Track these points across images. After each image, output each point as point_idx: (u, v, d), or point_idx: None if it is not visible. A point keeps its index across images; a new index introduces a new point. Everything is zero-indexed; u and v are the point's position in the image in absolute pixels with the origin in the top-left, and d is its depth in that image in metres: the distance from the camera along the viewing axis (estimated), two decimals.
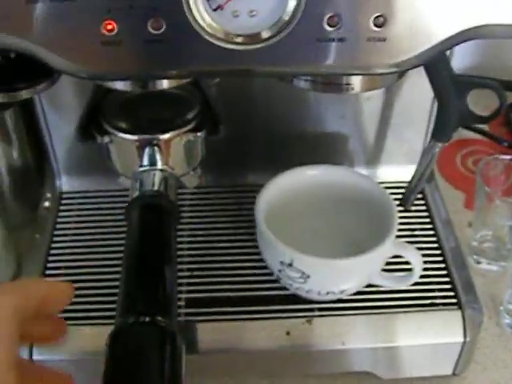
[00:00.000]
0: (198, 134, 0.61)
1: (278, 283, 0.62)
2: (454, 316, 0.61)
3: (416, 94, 0.69)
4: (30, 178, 0.75)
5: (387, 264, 0.61)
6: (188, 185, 0.64)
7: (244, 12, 0.44)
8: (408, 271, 0.60)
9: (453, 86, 0.55)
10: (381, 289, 0.62)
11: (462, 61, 0.63)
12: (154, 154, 0.59)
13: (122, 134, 0.60)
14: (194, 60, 0.46)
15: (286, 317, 0.61)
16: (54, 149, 0.72)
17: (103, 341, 0.58)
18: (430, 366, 0.63)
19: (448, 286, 0.64)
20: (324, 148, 0.73)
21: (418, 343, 0.61)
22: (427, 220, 0.71)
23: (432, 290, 0.63)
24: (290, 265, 0.57)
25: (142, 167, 0.60)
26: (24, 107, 0.69)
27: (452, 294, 0.63)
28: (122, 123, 0.60)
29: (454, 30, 0.46)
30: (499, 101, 0.54)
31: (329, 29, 0.44)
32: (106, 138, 0.60)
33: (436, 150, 0.60)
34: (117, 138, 0.60)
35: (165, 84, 0.53)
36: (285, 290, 0.62)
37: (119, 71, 0.47)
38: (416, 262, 0.59)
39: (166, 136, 0.60)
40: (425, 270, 0.61)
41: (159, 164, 0.60)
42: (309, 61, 0.46)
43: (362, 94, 0.69)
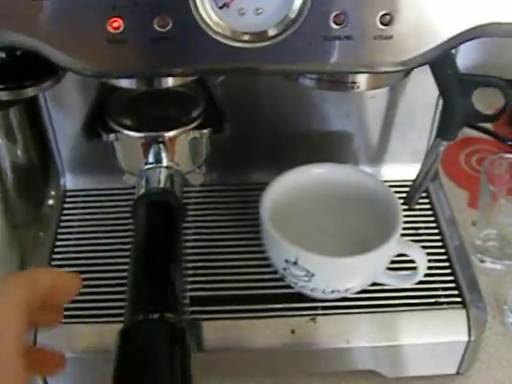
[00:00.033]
0: (204, 132, 0.61)
1: (282, 281, 0.62)
2: (459, 315, 0.61)
3: (420, 93, 0.69)
4: (34, 176, 0.75)
5: (392, 262, 0.61)
6: (193, 182, 0.64)
7: (250, 10, 0.44)
8: (412, 270, 0.60)
9: (458, 84, 0.55)
10: (385, 287, 0.62)
11: (466, 60, 0.63)
12: (160, 151, 0.59)
13: (127, 132, 0.60)
14: (199, 58, 0.46)
15: (290, 315, 0.61)
16: (59, 147, 0.72)
17: (108, 339, 0.58)
18: (435, 365, 0.63)
19: (452, 285, 0.64)
20: (329, 146, 0.73)
21: (423, 342, 0.61)
22: (431, 219, 0.71)
23: (436, 289, 0.63)
24: (294, 263, 0.57)
25: (148, 165, 0.59)
26: (28, 105, 0.69)
27: (456, 292, 0.63)
28: (128, 121, 0.60)
29: (460, 29, 0.45)
30: (504, 99, 0.54)
31: (335, 27, 0.44)
32: (112, 136, 0.60)
33: (441, 148, 0.60)
34: (122, 135, 0.60)
35: (170, 82, 0.53)
36: (289, 288, 0.62)
37: (125, 69, 0.47)
38: (421, 260, 0.59)
39: (171, 133, 0.60)
40: (429, 268, 0.61)
41: (165, 161, 0.59)
42: (315, 59, 0.46)
43: (367, 93, 0.69)
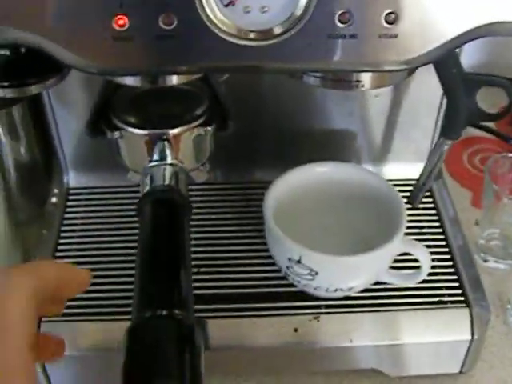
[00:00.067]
0: (208, 129, 0.61)
1: (285, 280, 0.62)
2: (462, 314, 0.61)
3: (424, 92, 0.69)
4: (38, 174, 0.75)
5: (395, 261, 0.61)
6: (197, 179, 0.64)
7: (255, 8, 0.44)
8: (416, 269, 0.60)
9: (462, 83, 0.55)
10: (389, 286, 0.62)
11: (470, 59, 0.63)
12: (164, 148, 0.59)
13: (131, 129, 0.60)
14: (204, 56, 0.45)
15: (293, 314, 0.61)
16: (62, 144, 0.72)
17: (112, 337, 0.59)
18: (438, 364, 0.63)
19: (456, 284, 0.64)
20: (332, 145, 0.73)
21: (426, 341, 0.61)
22: (435, 218, 0.71)
23: (440, 288, 0.63)
24: (298, 261, 0.57)
25: (152, 162, 0.59)
26: (32, 103, 0.69)
27: (460, 291, 0.63)
28: (132, 118, 0.60)
29: (465, 28, 0.45)
30: (509, 99, 0.54)
31: (340, 25, 0.44)
32: (116, 134, 0.60)
33: (445, 147, 0.60)
34: (127, 133, 0.60)
35: (174, 80, 0.53)
36: (293, 286, 0.62)
37: (130, 67, 0.47)
38: (424, 259, 0.59)
39: (175, 131, 0.59)
40: (432, 267, 0.61)
41: (169, 159, 0.59)
42: (320, 57, 0.46)
43: (371, 92, 0.69)
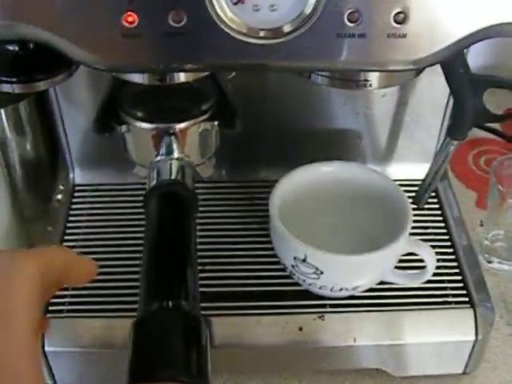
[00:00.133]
0: (214, 123, 0.61)
1: (290, 279, 0.62)
2: (466, 314, 0.61)
3: (430, 92, 0.69)
4: (43, 171, 0.75)
5: (400, 261, 0.61)
6: (202, 174, 0.64)
7: (265, 6, 0.44)
8: (421, 269, 0.60)
9: (469, 84, 0.55)
10: (393, 286, 0.62)
11: (476, 60, 0.63)
12: (171, 143, 0.59)
13: (138, 123, 0.60)
14: (213, 53, 0.45)
15: (298, 312, 0.61)
16: (68, 141, 0.72)
17: (116, 333, 0.59)
18: (441, 364, 0.63)
19: (460, 285, 0.64)
20: (337, 145, 0.73)
21: (430, 341, 0.61)
22: (440, 218, 0.71)
23: (444, 288, 0.63)
24: (303, 260, 0.57)
25: (159, 156, 0.60)
26: (39, 99, 0.69)
27: (464, 292, 0.63)
28: (139, 112, 0.60)
29: (474, 28, 0.45)
30: None
31: (349, 24, 0.44)
32: (123, 128, 0.60)
33: (451, 148, 0.60)
34: (133, 127, 0.60)
35: (182, 78, 0.53)
36: (297, 285, 0.62)
37: (138, 63, 0.47)
38: (429, 259, 0.59)
39: (182, 125, 0.60)
40: (437, 268, 0.60)
41: (176, 153, 0.60)
42: (328, 56, 0.46)
43: (377, 91, 0.69)
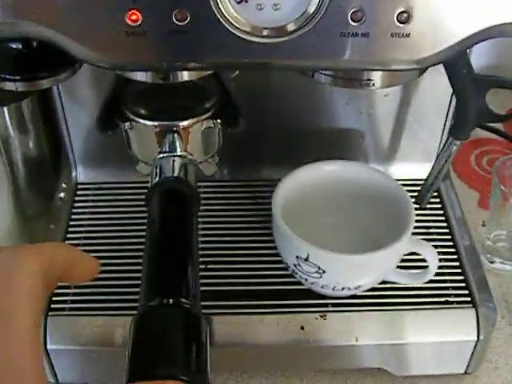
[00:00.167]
0: (217, 121, 0.61)
1: (293, 278, 0.62)
2: (468, 314, 0.61)
3: (433, 92, 0.69)
4: (46, 169, 0.75)
5: (402, 261, 0.61)
6: (205, 172, 0.64)
7: (268, 5, 0.44)
8: (423, 269, 0.60)
9: (472, 84, 0.55)
10: (395, 286, 0.62)
11: (478, 61, 0.63)
12: (174, 140, 0.60)
13: (142, 121, 0.60)
14: (217, 52, 0.45)
15: (300, 311, 0.61)
16: (71, 139, 0.72)
17: (117, 331, 0.59)
18: (443, 364, 0.63)
19: (462, 285, 0.64)
20: (339, 144, 0.73)
21: (431, 341, 0.61)
22: (442, 218, 0.71)
23: (446, 288, 0.63)
24: (305, 259, 0.57)
25: (162, 154, 0.60)
26: (41, 97, 0.69)
27: (466, 292, 0.63)
28: (143, 110, 0.60)
29: (477, 28, 0.45)
30: None
31: (353, 23, 0.44)
32: (127, 125, 0.60)
33: (454, 147, 0.60)
34: (137, 124, 0.60)
35: (185, 76, 0.53)
36: (299, 284, 0.62)
37: (141, 62, 0.47)
38: (431, 259, 0.59)
39: (185, 123, 0.60)
40: (439, 267, 0.60)
41: (179, 151, 0.60)
42: (332, 55, 0.46)
43: (379, 91, 0.69)
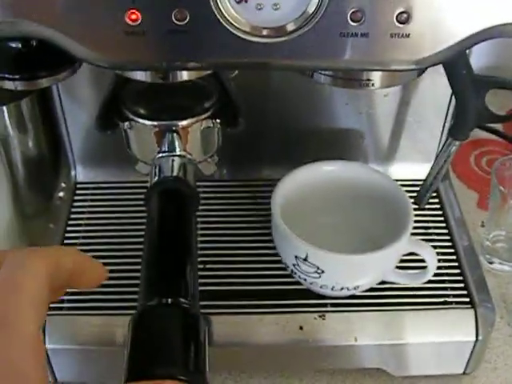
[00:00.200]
0: (217, 121, 0.61)
1: (291, 278, 0.62)
2: (467, 314, 0.61)
3: (432, 92, 0.69)
4: (45, 168, 0.74)
5: (401, 261, 0.61)
6: (204, 172, 0.64)
7: (268, 5, 0.44)
8: (422, 269, 0.60)
9: (472, 84, 0.55)
10: (394, 286, 0.62)
11: (478, 61, 0.63)
12: (173, 140, 0.60)
13: (141, 120, 0.60)
14: (216, 52, 0.45)
15: (299, 311, 0.61)
16: (70, 139, 0.72)
17: (115, 331, 0.59)
18: (442, 365, 0.63)
19: (461, 285, 0.64)
20: (339, 144, 0.73)
21: (430, 341, 0.61)
22: (441, 219, 0.71)
23: (445, 289, 0.63)
24: (304, 259, 0.57)
25: (161, 153, 0.60)
26: (41, 96, 0.69)
27: (465, 292, 0.63)
28: (142, 109, 0.60)
29: (477, 28, 0.45)
30: None
31: (352, 24, 0.44)
32: (126, 124, 0.60)
33: (453, 148, 0.60)
34: (137, 123, 0.60)
35: (185, 76, 0.53)
36: (298, 284, 0.62)
37: (141, 61, 0.47)
38: (430, 259, 0.59)
39: (184, 122, 0.60)
40: (438, 268, 0.61)
41: (178, 150, 0.60)
42: (331, 55, 0.46)
43: (379, 91, 0.69)
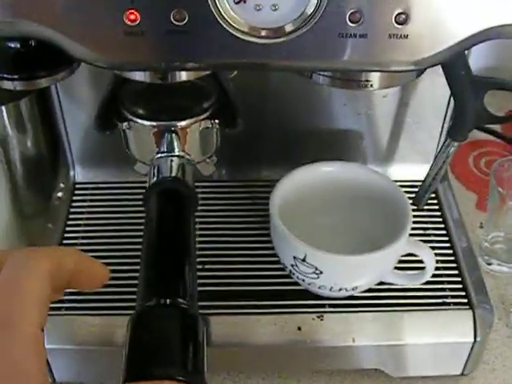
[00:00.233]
0: (215, 122, 0.61)
1: (290, 278, 0.62)
2: (465, 316, 0.61)
3: (431, 93, 0.69)
4: (44, 168, 0.74)
5: (399, 262, 0.61)
6: (203, 172, 0.64)
7: (266, 6, 0.44)
8: (420, 270, 0.60)
9: (470, 85, 0.55)
10: (392, 287, 0.62)
11: (476, 62, 0.63)
12: (172, 140, 0.60)
13: (140, 121, 0.60)
14: (215, 52, 0.45)
15: (297, 312, 0.61)
16: (69, 139, 0.72)
17: (114, 331, 0.59)
18: (440, 365, 0.63)
19: (459, 286, 0.64)
20: (338, 145, 0.73)
21: (428, 342, 0.61)
22: (440, 220, 0.71)
23: (443, 290, 0.64)
24: (303, 260, 0.57)
25: (160, 154, 0.60)
26: (40, 96, 0.69)
27: (463, 293, 0.63)
28: (141, 110, 0.60)
29: (476, 29, 0.45)
30: None
31: (351, 24, 0.44)
32: (125, 124, 0.60)
33: (452, 149, 0.60)
34: (135, 124, 0.60)
35: (184, 76, 0.53)
36: (297, 285, 0.62)
37: (140, 61, 0.47)
38: (429, 260, 0.59)
39: (183, 123, 0.60)
40: (436, 269, 0.61)
41: (176, 151, 0.60)
42: (330, 56, 0.46)
43: (377, 92, 0.69)
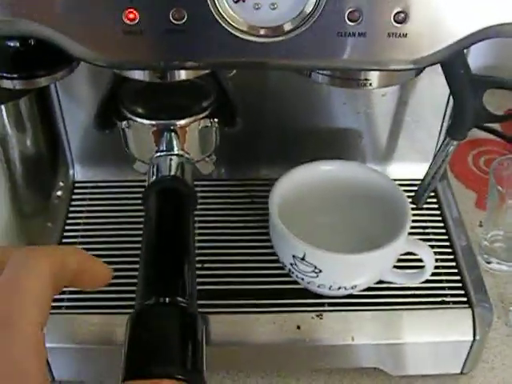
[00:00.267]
0: (215, 120, 0.61)
1: (289, 277, 0.62)
2: (464, 314, 0.61)
3: (430, 92, 0.69)
4: (43, 167, 0.74)
5: (398, 261, 0.61)
6: (202, 171, 0.64)
7: (265, 4, 0.44)
8: (419, 269, 0.60)
9: (469, 84, 0.55)
10: (391, 285, 0.62)
11: (476, 61, 0.63)
12: (171, 139, 0.60)
13: (139, 119, 0.60)
14: (214, 51, 0.45)
15: (296, 311, 0.61)
16: (68, 138, 0.72)
17: (114, 330, 0.59)
18: (439, 364, 0.63)
19: (459, 285, 0.64)
20: (337, 144, 0.73)
21: (428, 341, 0.61)
22: (439, 218, 0.71)
23: (443, 288, 0.64)
24: (302, 259, 0.57)
25: (159, 152, 0.60)
26: (39, 95, 0.69)
27: (462, 292, 0.63)
28: (140, 109, 0.61)
29: (474, 28, 0.45)
30: None
31: (350, 23, 0.44)
32: (124, 123, 0.60)
33: (451, 148, 0.60)
34: (134, 123, 0.60)
35: (183, 75, 0.53)
36: (296, 284, 0.62)
37: (139, 60, 0.47)
38: (428, 259, 0.59)
39: (182, 122, 0.60)
40: (436, 267, 0.61)
41: (176, 149, 0.60)
42: (329, 55, 0.46)
43: (376, 90, 0.69)
